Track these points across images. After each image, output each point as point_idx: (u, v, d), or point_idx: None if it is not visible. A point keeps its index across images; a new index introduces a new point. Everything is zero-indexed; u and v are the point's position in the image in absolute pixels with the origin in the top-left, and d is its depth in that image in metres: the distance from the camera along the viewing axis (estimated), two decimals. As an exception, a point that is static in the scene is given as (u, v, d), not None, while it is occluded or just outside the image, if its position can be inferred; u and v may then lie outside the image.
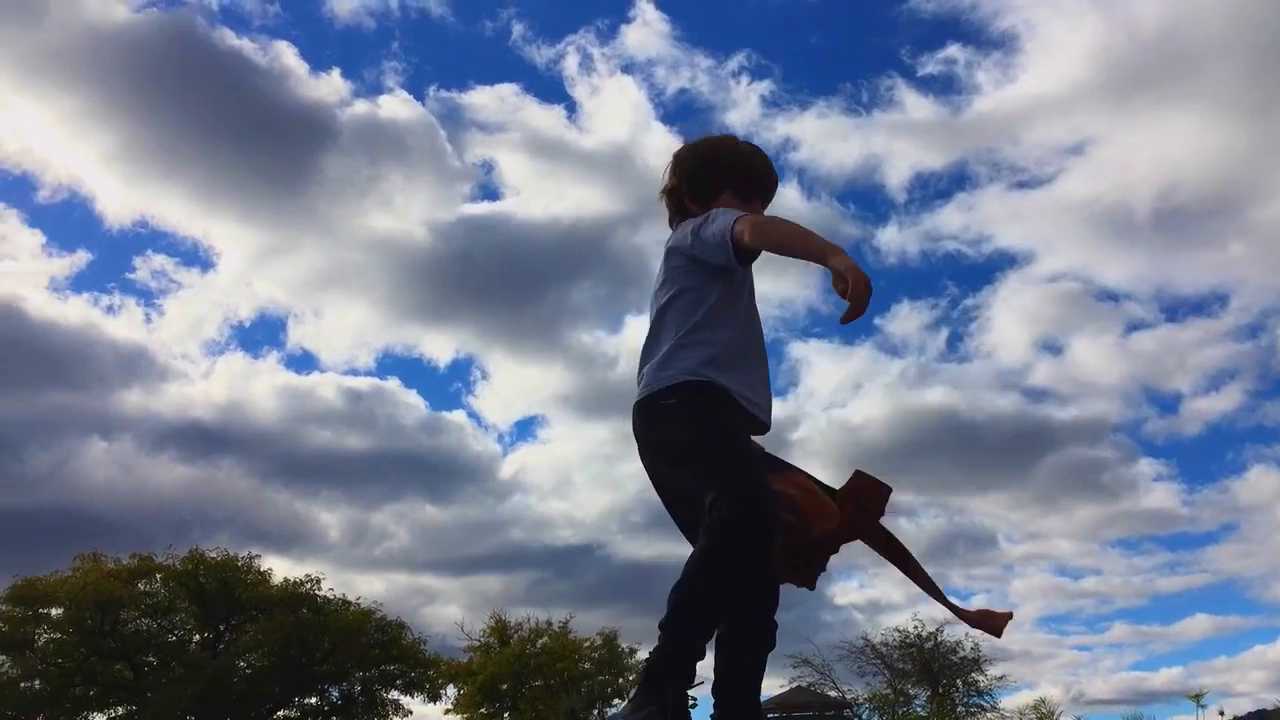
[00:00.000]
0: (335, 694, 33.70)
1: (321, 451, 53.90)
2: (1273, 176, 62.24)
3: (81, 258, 66.36)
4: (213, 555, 32.44)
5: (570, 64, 68.03)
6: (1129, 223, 62.07)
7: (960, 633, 32.61)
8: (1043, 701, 27.99)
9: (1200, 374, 64.02)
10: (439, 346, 69.32)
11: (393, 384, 63.84)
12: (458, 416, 64.96)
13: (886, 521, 2.99)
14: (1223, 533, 65.39)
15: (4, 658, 30.54)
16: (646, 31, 67.38)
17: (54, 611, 30.69)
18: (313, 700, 33.58)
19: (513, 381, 65.06)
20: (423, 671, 34.22)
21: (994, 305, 66.02)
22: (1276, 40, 55.85)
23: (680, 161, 3.01)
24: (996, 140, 63.60)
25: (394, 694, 34.01)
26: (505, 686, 36.15)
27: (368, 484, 59.47)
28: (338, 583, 48.82)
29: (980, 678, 30.81)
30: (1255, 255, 62.10)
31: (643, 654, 37.73)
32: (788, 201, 65.36)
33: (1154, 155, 63.68)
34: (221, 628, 32.82)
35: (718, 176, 2.96)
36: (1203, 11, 57.85)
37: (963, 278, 64.86)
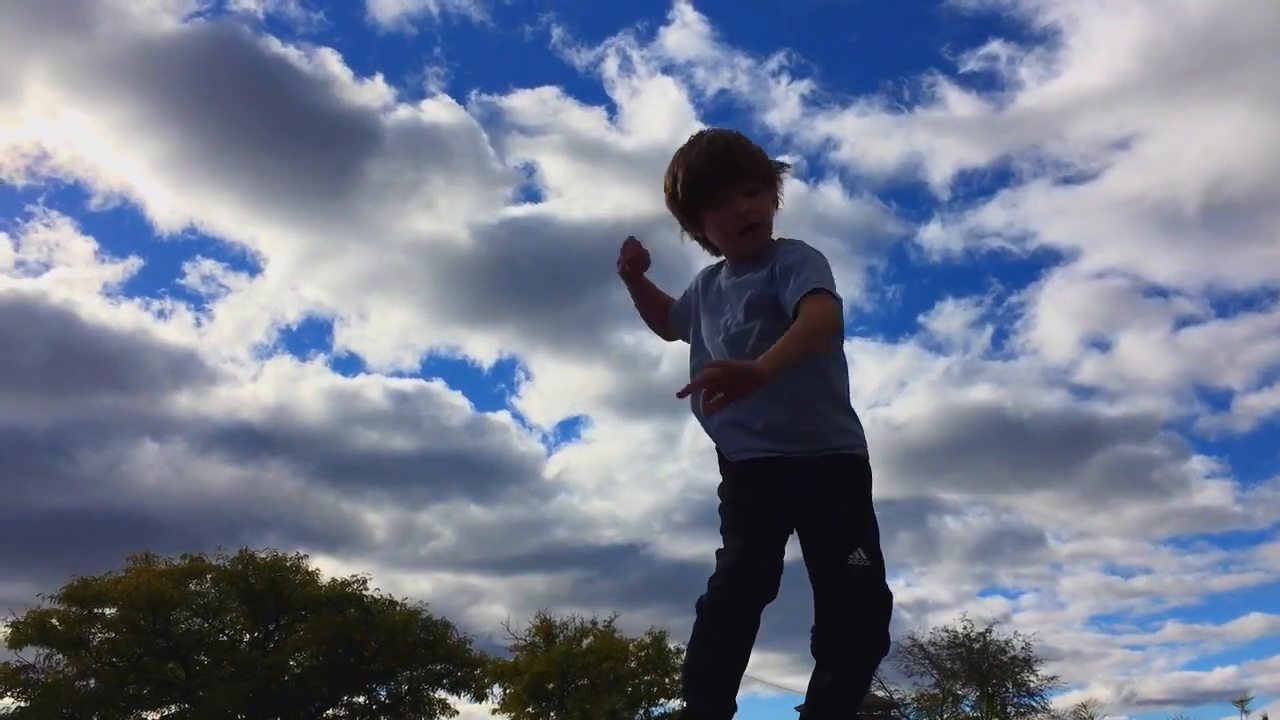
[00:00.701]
0: (383, 693, 34.00)
1: (368, 452, 54.41)
2: (1321, 168, 60.75)
3: (133, 264, 67.48)
4: (262, 556, 32.84)
5: (610, 66, 68.04)
6: (1177, 218, 60.98)
7: (1010, 632, 32.20)
8: (1084, 706, 27.50)
9: (1252, 370, 62.89)
10: (483, 348, 69.43)
11: (438, 385, 64.30)
12: (502, 417, 65.26)
13: None
14: (1277, 530, 63.94)
15: (61, 657, 31.10)
16: (685, 33, 67.29)
17: (108, 611, 31.22)
18: (361, 699, 33.89)
19: (556, 382, 65.35)
20: (469, 671, 34.35)
21: (1039, 302, 65.21)
22: (1329, 30, 54.50)
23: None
24: (1041, 136, 62.88)
25: (440, 693, 34.22)
26: (551, 686, 36.21)
27: (413, 484, 60.02)
28: (384, 583, 49.22)
29: (1031, 678, 30.44)
30: (1308, 248, 60.70)
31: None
32: (830, 200, 65.23)
33: (1202, 149, 62.56)
34: (271, 627, 33.18)
35: None
36: (1250, 3, 56.61)
37: (1007, 275, 64.21)
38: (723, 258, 2.98)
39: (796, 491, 2.72)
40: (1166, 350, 60.38)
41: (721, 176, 2.77)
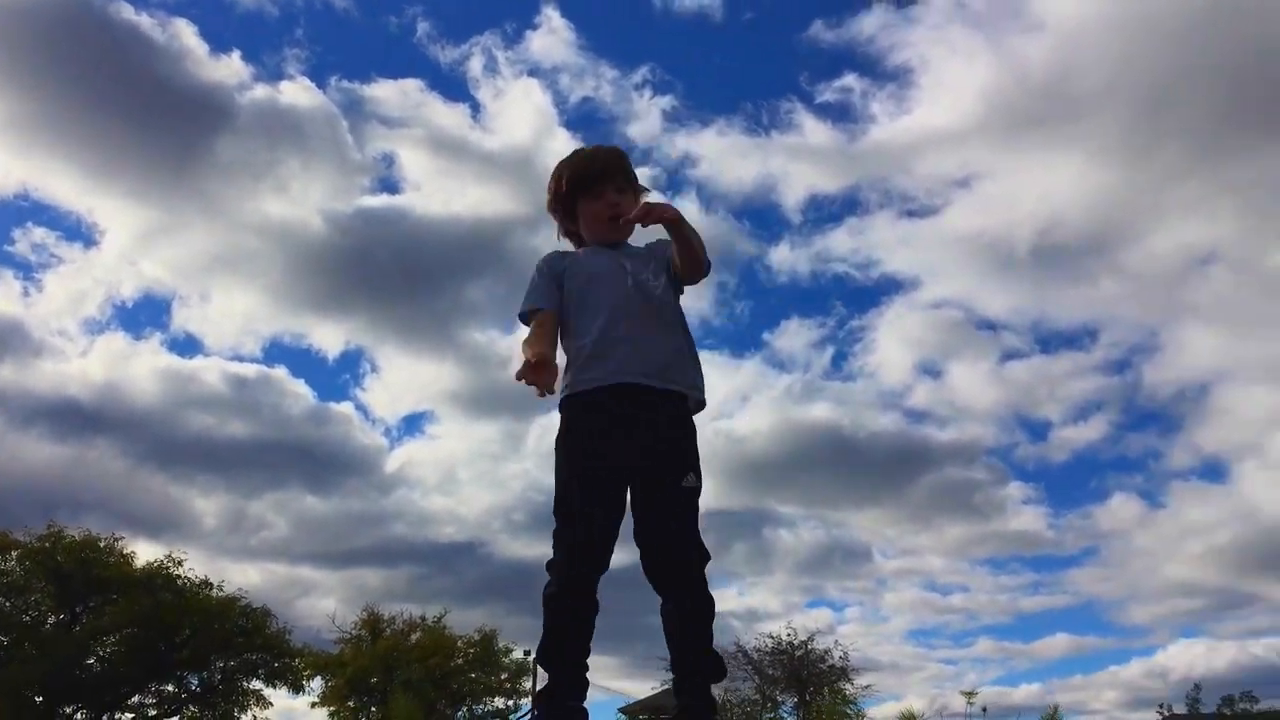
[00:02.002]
0: (195, 682, 32.73)
1: (201, 437, 52.36)
2: (1144, 220, 65.46)
3: (-43, 227, 63.38)
4: (73, 534, 31.31)
5: (475, 65, 67.56)
6: (1010, 256, 64.60)
7: (830, 642, 33.16)
8: (911, 714, 28.51)
9: (1069, 404, 66.56)
10: (329, 337, 68.03)
11: (280, 372, 62.45)
12: (345, 408, 63.87)
13: None
14: (1084, 556, 67.91)
15: None
16: (552, 39, 67.43)
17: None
18: (170, 687, 32.56)
19: (403, 376, 64.36)
20: (286, 662, 33.41)
21: (879, 327, 67.59)
22: (1155, 92, 58.68)
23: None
24: (889, 169, 65.46)
25: (256, 684, 33.13)
26: (375, 680, 35.63)
27: (248, 472, 57.93)
28: (212, 571, 47.59)
29: (848, 686, 31.27)
30: (1125, 294, 65.25)
31: (518, 654, 37.60)
32: (686, 214, 65.96)
33: (1037, 193, 66.44)
34: (79, 609, 31.62)
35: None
36: (1089, 60, 60.35)
37: (850, 299, 66.47)
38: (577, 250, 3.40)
39: None
40: (993, 381, 63.57)
41: (599, 173, 3.29)
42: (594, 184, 3.27)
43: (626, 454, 3.00)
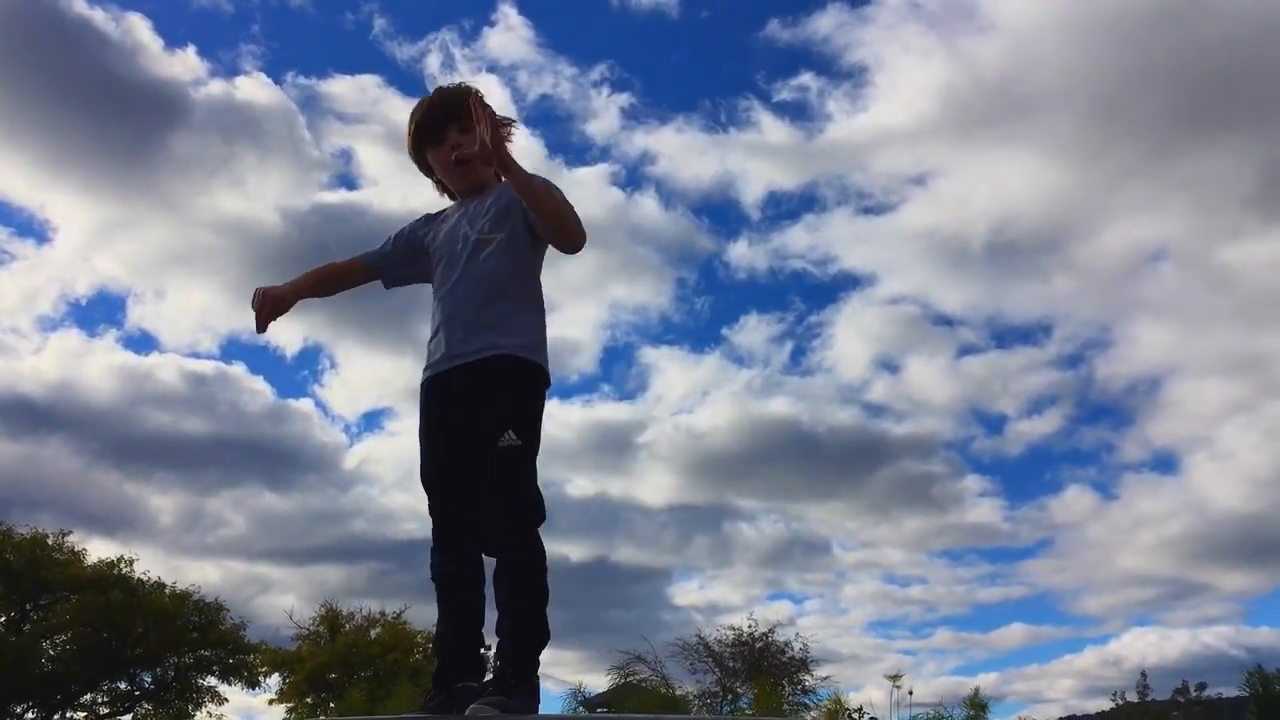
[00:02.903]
0: (148, 679, 32.45)
1: (157, 434, 51.80)
2: (1096, 218, 66.56)
3: (-95, 224, 62.54)
4: (21, 532, 30.93)
5: (432, 62, 67.48)
6: (965, 253, 65.69)
7: (790, 634, 33.17)
8: (860, 710, 28.59)
9: (1024, 398, 67.54)
10: (288, 334, 67.01)
11: (238, 369, 61.83)
12: (304, 405, 63.34)
13: None
14: (1039, 548, 69.51)
15: None
16: (509, 35, 67.24)
17: None
18: (122, 685, 32.30)
19: (362, 373, 64.05)
20: (242, 658, 33.14)
21: (837, 323, 68.07)
22: (1109, 93, 59.74)
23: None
24: (846, 166, 66.13)
25: (210, 680, 32.89)
26: (334, 676, 35.34)
27: (205, 469, 57.34)
28: (168, 569, 47.36)
29: (808, 677, 31.31)
30: (1078, 290, 66.37)
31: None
32: (646, 211, 66.54)
33: (991, 191, 67.44)
34: (28, 607, 31.27)
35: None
36: (1042, 61, 61.38)
37: (808, 295, 67.25)
38: (447, 205, 3.30)
39: None
40: (949, 375, 64.40)
41: (439, 119, 3.14)
42: (437, 130, 3.11)
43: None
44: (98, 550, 37.24)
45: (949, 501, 59.91)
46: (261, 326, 3.09)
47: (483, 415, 2.92)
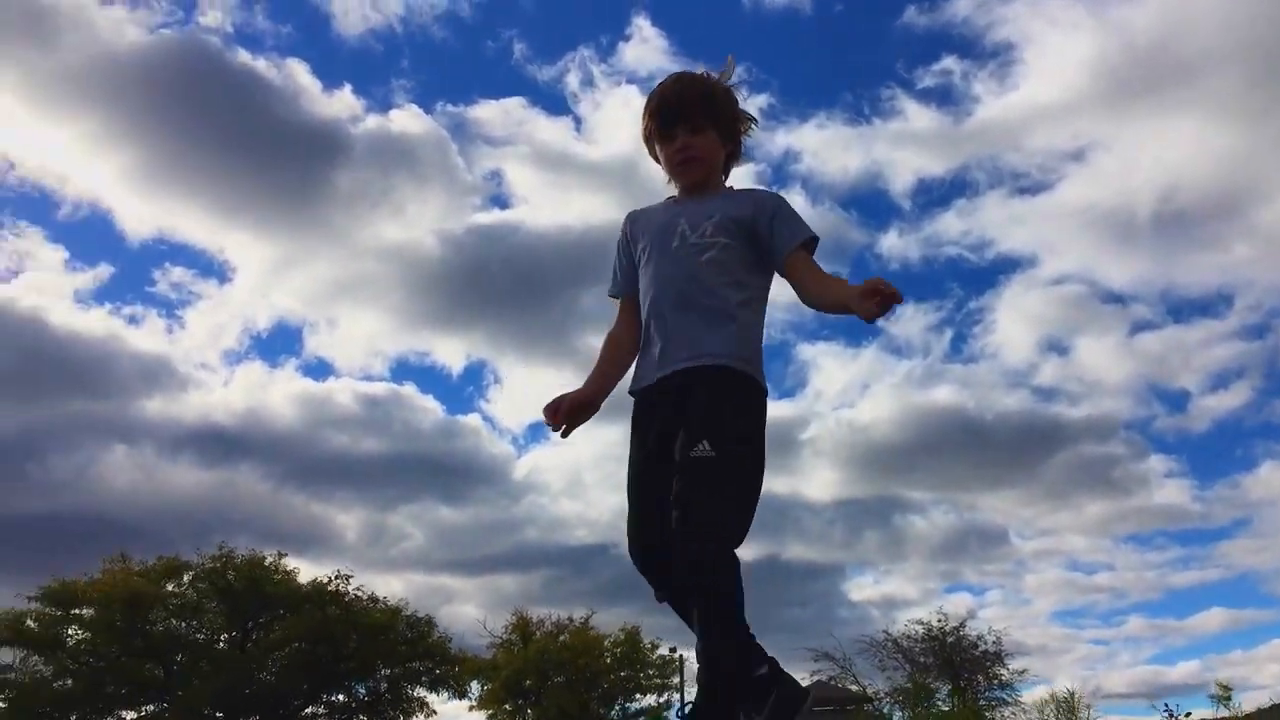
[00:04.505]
0: (362, 691, 34.08)
1: (338, 455, 54.39)
2: (1274, 178, 62.92)
3: (104, 271, 67.00)
4: (241, 554, 32.89)
5: (572, 80, 68.75)
6: (1131, 226, 62.98)
7: (983, 627, 32.95)
8: (1070, 695, 28.19)
9: (1207, 373, 64.48)
10: (451, 352, 69.27)
11: (409, 389, 64.46)
12: (473, 420, 65.49)
13: None
14: (1235, 527, 65.79)
15: (37, 658, 30.91)
16: (645, 48, 67.98)
17: (85, 612, 31.09)
18: (340, 697, 33.98)
19: (525, 385, 65.70)
20: (449, 669, 34.53)
21: (998, 308, 66.48)
22: (1272, 46, 56.53)
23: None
24: (998, 147, 64.27)
25: (420, 691, 34.35)
26: (529, 682, 36.50)
27: (383, 487, 60.00)
28: (357, 582, 49.36)
29: (1002, 671, 31.01)
30: (1259, 256, 62.82)
31: (664, 649, 38.21)
32: (794, 207, 66.14)
33: (1154, 160, 64.65)
34: (249, 626, 33.20)
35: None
36: (1197, 22, 58.71)
37: (966, 281, 65.57)
38: (659, 201, 3.16)
39: None
40: (1123, 354, 62.09)
41: (671, 113, 3.00)
42: (668, 127, 3.01)
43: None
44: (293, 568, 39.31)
45: (1133, 484, 57.96)
46: (565, 433, 2.95)
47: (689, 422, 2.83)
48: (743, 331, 2.82)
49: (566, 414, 2.90)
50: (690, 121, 2.99)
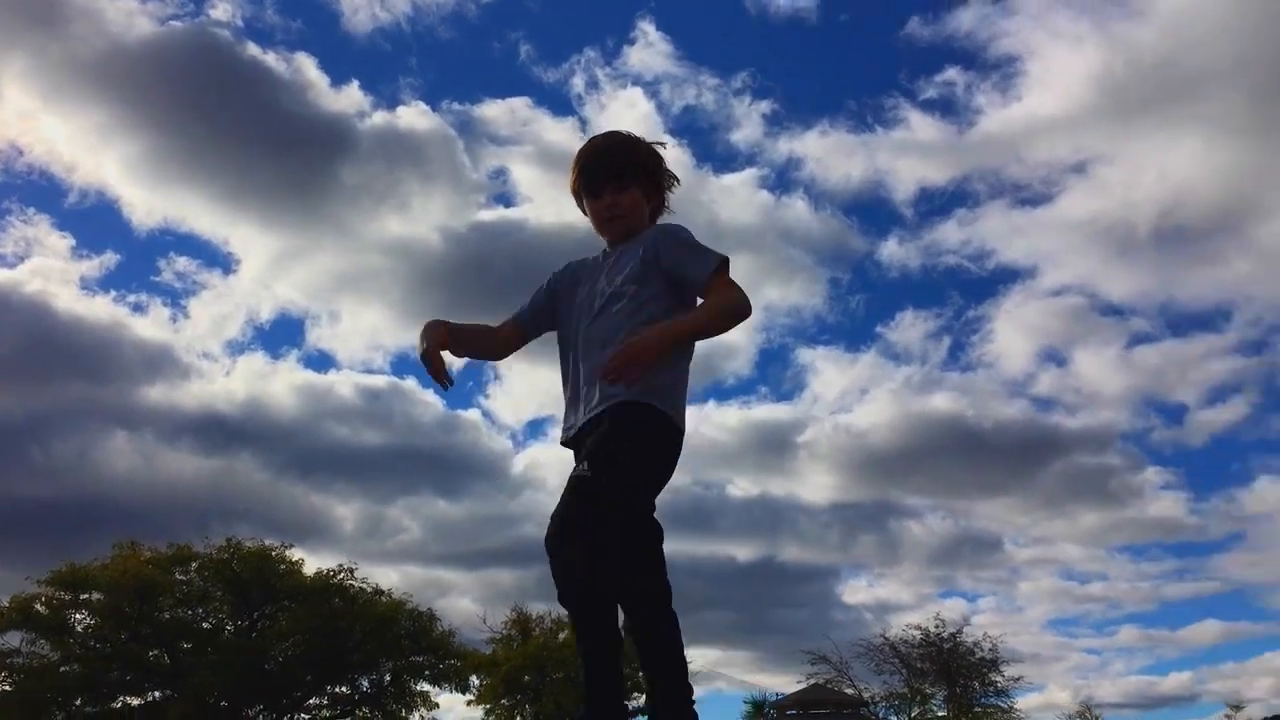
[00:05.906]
0: (365, 684, 34.36)
1: (338, 447, 54.91)
2: (1275, 195, 63.24)
3: (110, 259, 67.67)
4: (248, 544, 33.17)
5: (578, 82, 69.21)
6: (1131, 240, 63.49)
7: (977, 633, 33.33)
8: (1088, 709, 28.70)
9: (1205, 386, 65.18)
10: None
11: (409, 384, 64.81)
12: (472, 415, 65.94)
13: None
14: (1230, 541, 66.82)
15: (45, 641, 31.17)
16: (649, 51, 68.75)
17: (94, 597, 31.35)
18: (343, 689, 34.23)
19: (524, 382, 66.16)
20: (451, 663, 34.79)
21: (997, 317, 67.24)
22: (1274, 64, 56.91)
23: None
24: (1000, 158, 64.70)
25: (422, 685, 34.65)
26: (528, 678, 36.76)
27: (382, 479, 60.51)
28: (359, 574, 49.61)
29: (998, 678, 31.43)
30: (1259, 272, 63.34)
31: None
32: (796, 213, 66.62)
33: (1155, 174, 65.17)
34: (255, 616, 33.49)
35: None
36: (1201, 40, 59.12)
37: (965, 290, 66.07)
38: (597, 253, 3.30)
39: None
40: (1121, 366, 62.55)
41: (596, 174, 3.16)
42: (596, 184, 3.15)
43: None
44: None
45: (1128, 495, 58.45)
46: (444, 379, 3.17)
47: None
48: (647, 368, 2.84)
49: (444, 369, 3.16)
50: (617, 180, 3.13)
